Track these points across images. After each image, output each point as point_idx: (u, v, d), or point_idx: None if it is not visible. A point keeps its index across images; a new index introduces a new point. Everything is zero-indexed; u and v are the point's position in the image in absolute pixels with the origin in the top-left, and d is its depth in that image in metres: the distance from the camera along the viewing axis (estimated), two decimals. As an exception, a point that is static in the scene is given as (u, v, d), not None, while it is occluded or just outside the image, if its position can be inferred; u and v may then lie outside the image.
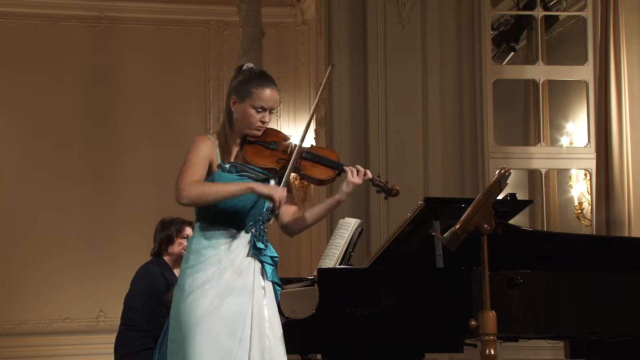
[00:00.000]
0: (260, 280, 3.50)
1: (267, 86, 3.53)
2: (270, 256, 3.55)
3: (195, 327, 3.36)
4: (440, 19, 7.58)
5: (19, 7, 9.40)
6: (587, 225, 8.10)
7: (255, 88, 3.51)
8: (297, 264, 9.42)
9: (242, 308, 3.42)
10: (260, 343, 3.43)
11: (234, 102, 3.53)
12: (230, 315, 3.40)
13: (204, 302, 3.38)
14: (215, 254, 3.44)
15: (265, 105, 3.51)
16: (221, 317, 3.38)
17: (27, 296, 9.13)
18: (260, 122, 3.52)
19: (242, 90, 3.52)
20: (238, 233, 3.48)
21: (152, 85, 9.31)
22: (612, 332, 4.70)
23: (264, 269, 3.52)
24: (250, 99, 3.50)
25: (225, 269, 3.44)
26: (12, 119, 9.31)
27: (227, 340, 3.37)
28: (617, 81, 7.40)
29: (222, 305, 3.39)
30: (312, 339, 4.20)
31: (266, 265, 3.52)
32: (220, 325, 3.38)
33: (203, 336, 3.35)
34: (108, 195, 9.30)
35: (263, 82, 3.53)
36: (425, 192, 7.28)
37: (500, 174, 3.68)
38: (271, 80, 3.57)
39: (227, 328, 3.39)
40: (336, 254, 4.71)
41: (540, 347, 6.80)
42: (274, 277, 3.55)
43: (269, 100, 3.51)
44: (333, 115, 7.58)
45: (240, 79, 3.55)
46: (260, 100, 3.50)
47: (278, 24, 9.76)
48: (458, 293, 4.29)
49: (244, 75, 3.56)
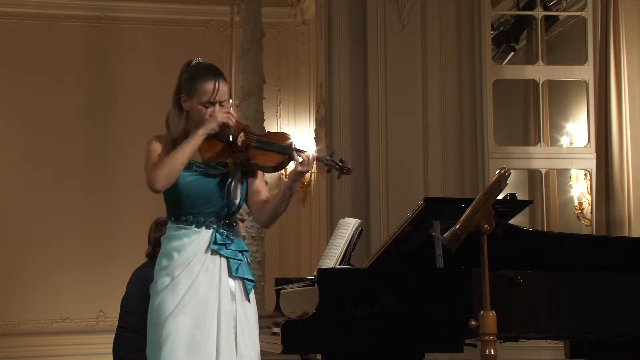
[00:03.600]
0: (226, 276, 3.48)
1: (211, 79, 3.49)
2: (238, 250, 3.52)
3: (164, 326, 3.39)
4: (440, 19, 7.58)
5: (19, 7, 9.40)
6: (587, 225, 8.10)
7: (200, 84, 3.48)
8: (297, 264, 9.42)
9: (208, 305, 3.43)
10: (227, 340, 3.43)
11: (185, 101, 3.51)
12: (197, 312, 3.41)
13: (173, 302, 3.41)
14: (182, 254, 3.45)
15: (212, 99, 3.48)
16: (189, 314, 3.40)
17: (27, 296, 9.13)
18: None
19: (189, 87, 3.50)
20: (199, 230, 3.48)
21: (152, 85, 9.30)
22: (612, 332, 4.71)
23: (229, 265, 3.50)
24: (197, 95, 3.48)
25: (193, 267, 3.44)
26: (12, 119, 9.31)
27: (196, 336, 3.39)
28: (617, 81, 7.40)
29: (190, 303, 3.41)
30: (312, 339, 4.20)
31: (231, 261, 3.49)
32: (188, 322, 3.39)
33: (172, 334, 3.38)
34: (108, 195, 9.30)
35: (207, 76, 3.49)
36: (425, 192, 7.28)
37: (500, 174, 3.68)
38: (216, 73, 3.52)
39: (195, 324, 3.40)
40: (336, 254, 4.71)
41: (540, 347, 6.80)
42: (243, 273, 3.51)
43: (214, 92, 3.47)
44: (333, 115, 7.58)
45: (186, 75, 3.53)
46: (206, 94, 3.47)
47: (278, 24, 9.76)
48: (458, 293, 4.29)
49: (189, 71, 3.54)
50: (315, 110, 8.21)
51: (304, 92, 9.62)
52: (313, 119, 8.49)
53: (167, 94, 3.63)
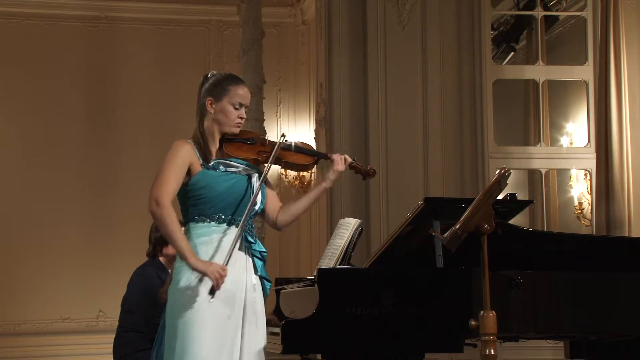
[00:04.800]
0: (251, 274, 3.60)
1: (241, 84, 3.69)
2: (258, 251, 3.65)
3: (192, 322, 3.43)
4: (440, 19, 7.59)
5: (19, 7, 9.40)
6: (587, 225, 8.10)
7: (231, 86, 3.66)
8: (297, 264, 9.42)
9: (235, 301, 3.50)
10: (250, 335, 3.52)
11: (211, 103, 3.65)
12: (223, 308, 3.47)
13: (199, 298, 3.45)
14: (207, 250, 3.52)
15: (242, 102, 3.66)
16: (215, 310, 3.45)
17: (27, 296, 9.13)
18: (239, 119, 3.66)
19: (217, 90, 3.66)
20: (229, 228, 3.55)
21: (152, 85, 9.31)
22: (612, 332, 4.70)
23: (254, 263, 3.61)
24: (227, 96, 3.64)
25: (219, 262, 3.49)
26: (12, 119, 9.32)
27: (223, 332, 3.43)
28: (617, 81, 7.40)
29: (216, 300, 3.45)
30: (312, 339, 4.20)
31: (256, 260, 3.63)
32: (214, 318, 3.45)
33: (200, 330, 3.42)
34: (108, 195, 9.30)
35: (237, 80, 3.70)
36: (425, 192, 7.28)
37: (500, 174, 3.68)
38: (242, 79, 3.75)
39: (222, 320, 3.46)
40: (336, 254, 4.71)
41: (540, 347, 6.80)
42: (263, 272, 3.65)
43: (244, 96, 3.67)
44: (333, 115, 7.59)
45: (213, 81, 3.69)
46: (237, 96, 3.65)
47: (278, 24, 9.76)
48: (458, 293, 4.29)
49: (215, 77, 3.71)
50: (315, 110, 8.21)
51: (304, 92, 9.62)
52: (313, 119, 8.50)
53: (167, 93, 3.69)
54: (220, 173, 3.57)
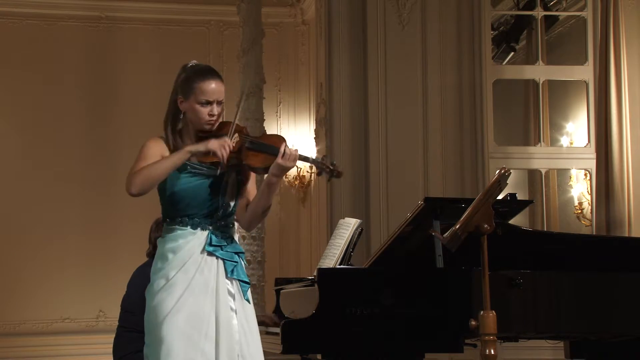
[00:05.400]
0: (223, 278, 3.48)
1: (208, 79, 3.51)
2: (234, 252, 3.52)
3: (162, 326, 3.39)
4: (440, 19, 7.59)
5: (19, 7, 9.40)
6: (587, 225, 8.10)
7: (197, 83, 3.50)
8: (297, 264, 9.42)
9: (205, 306, 3.42)
10: (228, 341, 3.42)
11: (182, 102, 3.53)
12: (195, 312, 3.41)
13: (170, 302, 3.40)
14: (178, 256, 3.46)
15: (210, 99, 3.49)
16: (186, 314, 3.40)
17: (27, 296, 9.13)
18: (208, 116, 3.50)
19: (185, 87, 3.52)
20: (194, 231, 3.48)
21: (152, 85, 9.30)
22: (612, 332, 4.71)
23: (225, 267, 3.49)
24: (194, 94, 3.49)
25: (188, 268, 3.44)
26: (12, 119, 9.31)
27: (194, 336, 3.39)
28: (617, 81, 7.40)
29: (187, 304, 3.41)
30: (312, 339, 4.20)
31: (227, 263, 3.49)
32: (185, 322, 3.39)
33: (171, 334, 3.37)
34: (108, 195, 9.29)
35: (204, 76, 3.51)
36: (425, 192, 7.28)
37: (500, 174, 3.68)
38: (213, 73, 3.54)
39: (193, 324, 3.40)
40: (336, 254, 4.71)
41: (540, 347, 6.80)
42: (239, 275, 3.51)
43: (212, 93, 3.49)
44: (333, 115, 7.59)
45: (183, 76, 3.55)
46: (204, 94, 3.48)
47: (278, 24, 9.76)
48: (458, 293, 4.29)
49: (186, 72, 3.56)
50: (315, 110, 8.21)
51: (304, 92, 9.62)
52: (313, 119, 8.50)
53: (167, 93, 3.63)
54: (185, 174, 3.46)
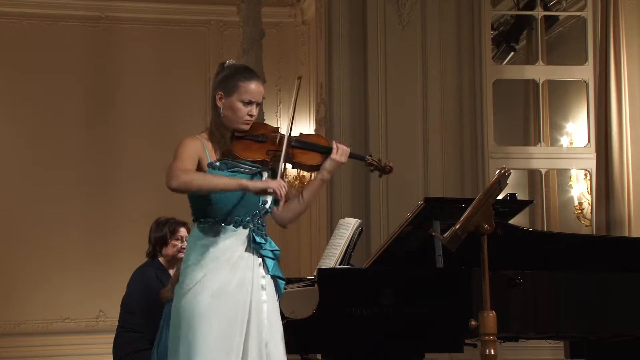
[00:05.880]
0: (259, 275, 3.50)
1: (253, 79, 3.54)
2: (271, 250, 3.55)
3: (196, 324, 3.37)
4: (440, 19, 7.59)
5: (19, 7, 9.39)
6: (587, 225, 8.10)
7: (242, 82, 3.51)
8: (297, 264, 9.42)
9: (239, 303, 3.43)
10: (258, 338, 3.44)
11: (221, 98, 3.51)
12: (229, 310, 3.41)
13: (203, 299, 3.40)
14: (213, 251, 3.45)
15: (252, 99, 3.51)
16: (221, 312, 3.40)
17: (27, 296, 9.13)
18: (248, 116, 3.51)
19: (228, 84, 3.51)
20: (235, 229, 3.48)
21: (152, 85, 9.30)
22: (612, 332, 4.71)
23: (265, 263, 3.52)
24: (237, 92, 3.49)
25: (223, 265, 3.44)
26: (12, 119, 9.31)
27: (228, 334, 3.38)
28: (617, 81, 7.40)
29: (221, 301, 3.40)
30: (312, 339, 4.20)
31: (267, 260, 3.52)
32: (220, 320, 3.39)
33: (205, 332, 3.37)
34: (108, 195, 9.30)
35: (249, 75, 3.54)
36: (425, 192, 7.28)
37: (500, 174, 3.68)
38: (256, 74, 3.59)
39: (227, 322, 3.40)
40: (336, 254, 4.71)
41: (540, 347, 6.80)
42: (276, 271, 3.55)
43: (255, 93, 3.52)
44: (333, 115, 7.59)
45: (226, 73, 3.55)
46: (247, 93, 3.50)
47: (278, 24, 9.76)
48: (458, 293, 4.29)
49: (229, 70, 3.56)
50: (315, 110, 8.21)
51: (304, 92, 9.62)
52: (313, 119, 8.50)
53: (167, 93, 3.63)
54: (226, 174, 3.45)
